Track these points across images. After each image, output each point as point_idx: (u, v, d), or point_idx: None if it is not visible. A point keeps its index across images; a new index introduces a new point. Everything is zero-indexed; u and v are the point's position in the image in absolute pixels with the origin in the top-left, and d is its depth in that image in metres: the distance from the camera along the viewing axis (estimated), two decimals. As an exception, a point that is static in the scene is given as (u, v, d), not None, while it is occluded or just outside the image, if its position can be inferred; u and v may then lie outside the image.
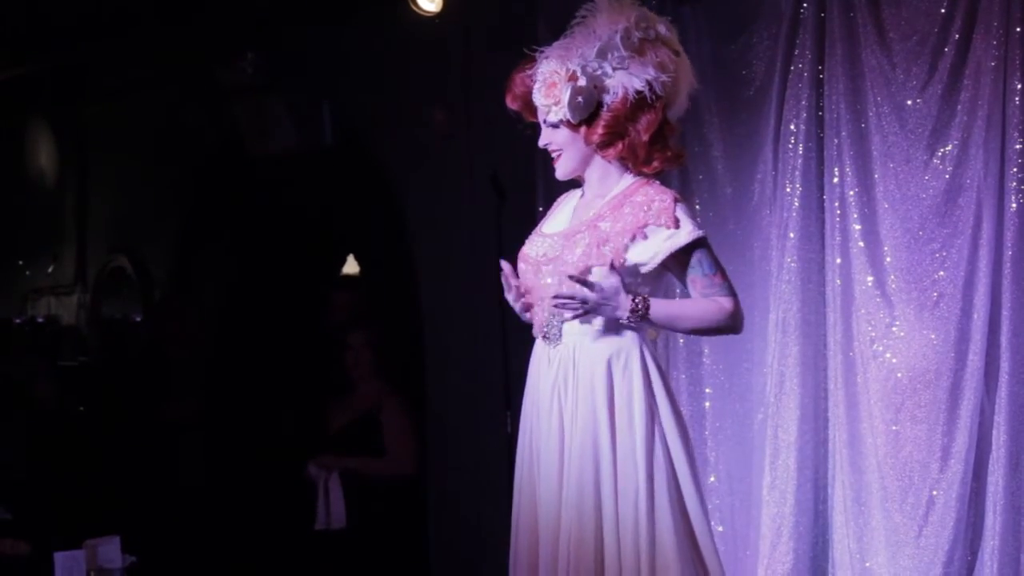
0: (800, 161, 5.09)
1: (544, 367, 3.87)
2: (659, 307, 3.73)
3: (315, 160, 7.33)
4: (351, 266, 8.07)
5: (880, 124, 4.94)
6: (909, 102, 4.89)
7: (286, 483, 6.46)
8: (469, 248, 5.96)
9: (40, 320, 9.27)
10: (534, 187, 5.66)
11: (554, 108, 3.80)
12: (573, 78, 3.76)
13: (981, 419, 4.75)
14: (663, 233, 3.73)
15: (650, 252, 3.74)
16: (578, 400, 3.76)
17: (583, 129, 3.82)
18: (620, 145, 3.82)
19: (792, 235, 5.09)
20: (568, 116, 3.79)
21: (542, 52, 3.86)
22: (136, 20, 7.39)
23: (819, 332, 5.11)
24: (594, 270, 3.74)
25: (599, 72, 3.77)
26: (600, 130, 3.81)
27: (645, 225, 3.73)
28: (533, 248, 3.94)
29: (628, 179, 3.87)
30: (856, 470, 4.97)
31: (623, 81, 3.78)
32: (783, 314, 5.10)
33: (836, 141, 5.02)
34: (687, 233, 3.72)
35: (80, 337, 9.04)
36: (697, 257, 3.77)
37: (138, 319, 8.61)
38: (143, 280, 8.57)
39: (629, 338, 3.78)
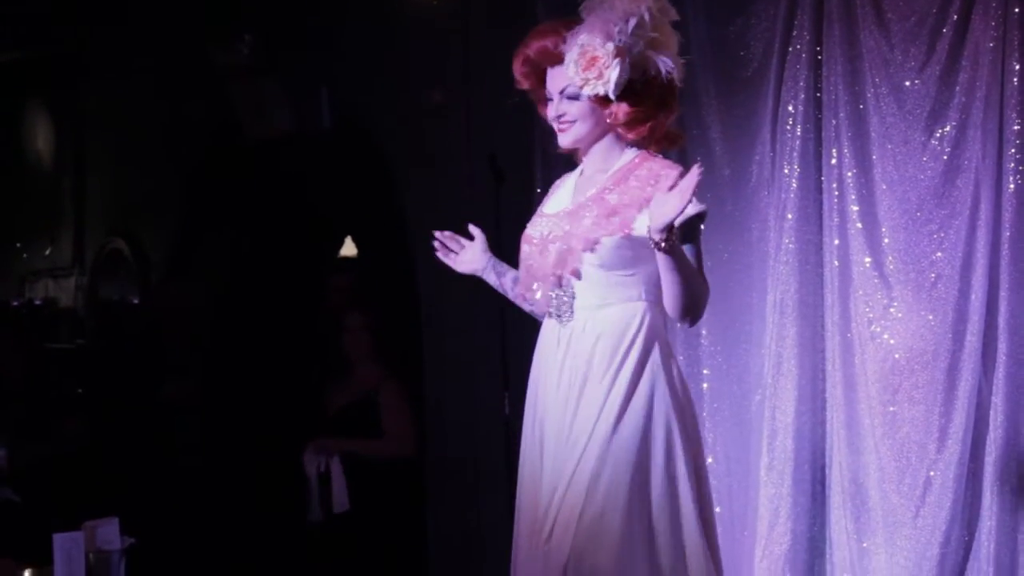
0: (798, 142, 5.08)
1: (552, 347, 3.84)
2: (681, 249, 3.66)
3: (313, 142, 7.33)
4: (349, 248, 8.07)
5: (878, 105, 4.94)
6: (907, 83, 4.88)
7: (284, 466, 6.47)
8: (467, 230, 5.95)
9: (38, 303, 9.27)
10: (532, 169, 5.66)
11: (593, 82, 3.72)
12: (621, 54, 3.71)
13: (978, 400, 4.76)
14: None
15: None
16: (588, 376, 3.75)
17: (611, 106, 3.79)
18: (644, 127, 3.80)
19: (790, 216, 5.09)
20: (609, 92, 3.73)
21: (575, 32, 3.77)
22: (135, 3, 7.39)
23: (817, 313, 5.11)
24: (603, 241, 3.73)
25: (636, 50, 3.75)
26: (629, 109, 3.77)
27: (652, 198, 3.67)
28: (537, 229, 3.91)
29: (630, 153, 3.85)
30: (853, 451, 4.98)
31: (656, 63, 3.77)
32: (781, 295, 5.10)
33: (834, 122, 5.02)
34: (692, 206, 3.67)
35: (78, 320, 9.05)
36: (689, 233, 3.72)
37: (136, 302, 8.61)
38: (140, 263, 8.58)
39: (641, 310, 3.76)
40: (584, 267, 3.77)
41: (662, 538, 3.71)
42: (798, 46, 5.09)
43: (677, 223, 3.52)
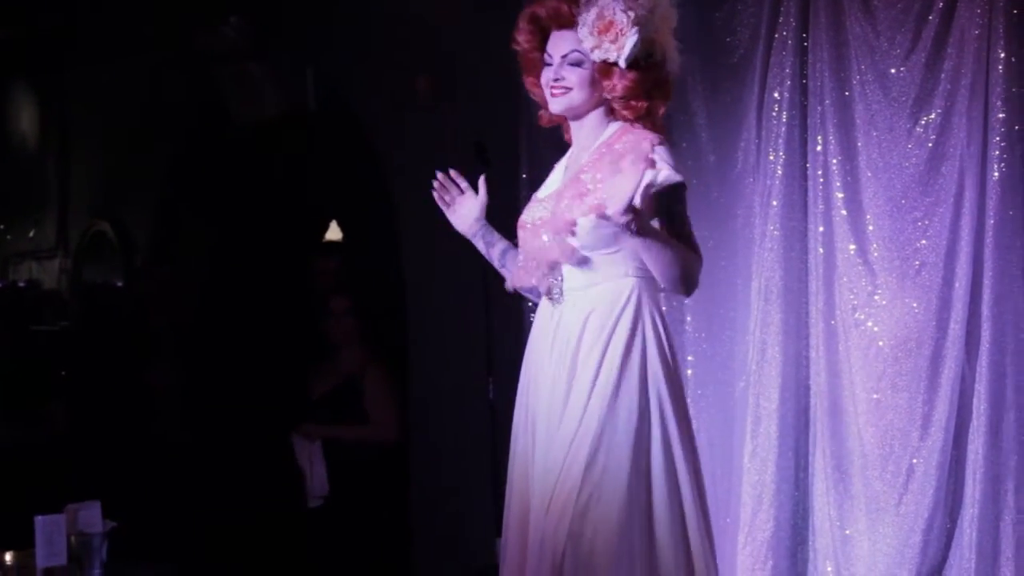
0: (784, 129, 5.08)
1: (545, 328, 3.82)
2: (653, 228, 3.62)
3: (299, 126, 7.31)
4: (334, 232, 8.05)
5: (864, 92, 4.94)
6: (893, 70, 4.89)
7: (269, 450, 6.46)
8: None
9: (21, 285, 9.24)
10: (518, 155, 5.65)
11: (608, 46, 3.69)
12: (639, 24, 3.69)
13: (962, 387, 4.77)
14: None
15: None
16: (578, 355, 3.71)
17: (613, 77, 3.76)
18: (641, 105, 3.77)
19: (775, 203, 5.09)
20: (621, 60, 3.70)
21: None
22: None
23: (801, 300, 5.12)
24: (580, 222, 3.70)
25: (650, 28, 3.72)
26: (629, 84, 3.74)
27: (623, 171, 3.62)
28: (530, 214, 3.89)
29: (613, 126, 3.82)
30: (837, 438, 4.98)
31: (666, 43, 3.76)
32: (765, 282, 5.10)
33: (820, 109, 5.02)
34: (664, 175, 3.65)
35: (61, 302, 9.02)
36: (669, 204, 3.69)
37: (119, 284, 8.58)
38: (124, 245, 8.55)
39: (630, 287, 3.73)
40: (569, 248, 3.74)
41: (662, 517, 3.68)
42: (784, 33, 5.09)
43: (637, 202, 3.50)
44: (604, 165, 3.72)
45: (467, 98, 6.06)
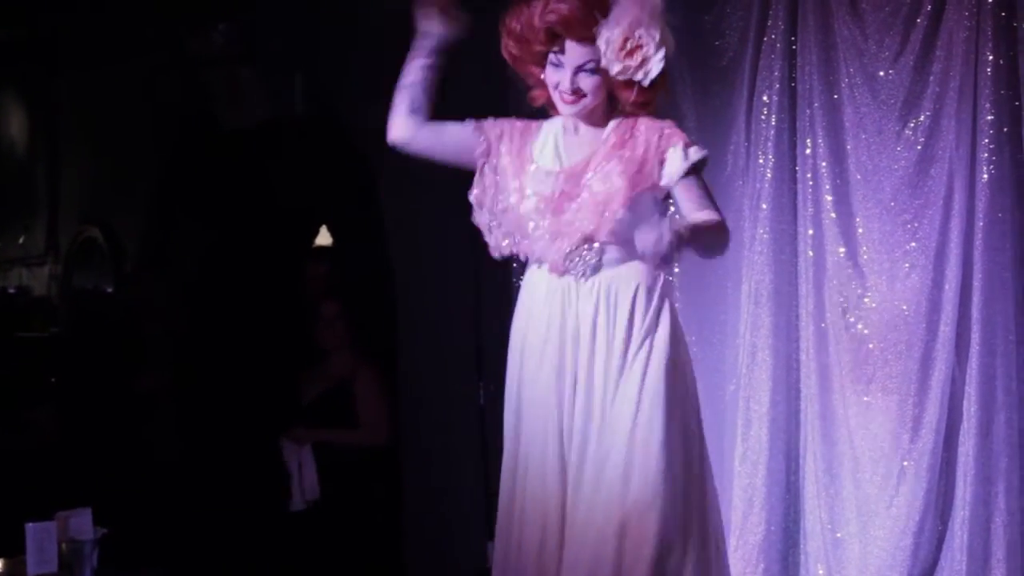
0: (772, 132, 5.09)
1: (570, 302, 3.77)
2: (688, 227, 3.62)
3: (287, 130, 7.30)
4: (324, 238, 8.04)
5: (852, 95, 4.94)
6: (881, 73, 4.89)
7: (259, 455, 6.45)
8: (442, 218, 5.95)
9: (11, 291, 9.22)
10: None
11: (633, 70, 3.69)
12: (664, 44, 3.70)
13: (952, 390, 4.77)
14: (679, 153, 3.71)
15: (672, 173, 3.72)
16: (632, 325, 3.71)
17: (634, 92, 3.74)
18: (652, 106, 3.80)
19: (764, 206, 5.10)
20: (645, 82, 3.71)
21: (613, 14, 3.71)
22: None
23: (791, 303, 5.12)
24: (636, 196, 3.67)
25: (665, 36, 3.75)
26: (649, 94, 3.76)
27: (664, 149, 3.72)
28: (543, 185, 3.82)
29: (617, 117, 3.83)
30: (827, 441, 4.99)
31: (668, 38, 3.76)
32: (755, 285, 5.11)
33: (808, 112, 5.03)
34: (696, 150, 3.72)
35: (51, 308, 9.00)
36: (697, 174, 3.74)
37: (109, 291, 8.57)
38: (114, 251, 8.54)
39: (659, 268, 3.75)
40: (616, 223, 3.72)
41: (713, 508, 3.83)
42: (773, 36, 5.10)
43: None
44: (639, 143, 3.75)
45: (456, 99, 6.05)
